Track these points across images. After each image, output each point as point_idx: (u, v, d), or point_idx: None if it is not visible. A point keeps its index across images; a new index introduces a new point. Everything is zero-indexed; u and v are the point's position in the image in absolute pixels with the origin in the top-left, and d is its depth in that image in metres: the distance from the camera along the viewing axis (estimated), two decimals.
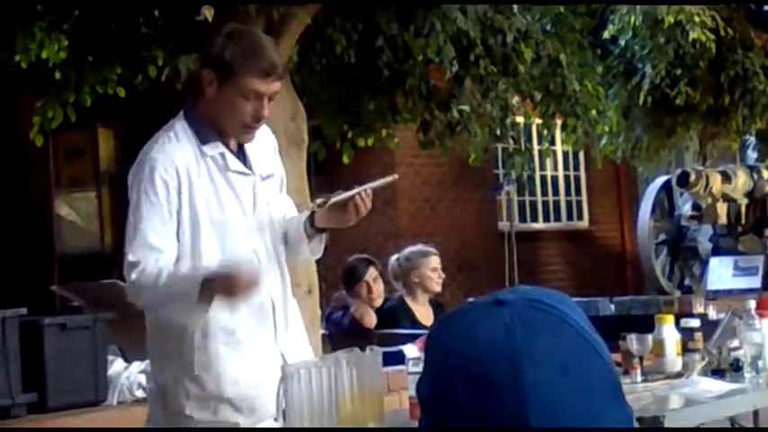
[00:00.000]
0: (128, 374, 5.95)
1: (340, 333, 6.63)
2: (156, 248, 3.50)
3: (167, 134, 3.61)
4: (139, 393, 5.94)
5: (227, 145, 3.64)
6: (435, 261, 7.05)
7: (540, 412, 1.29)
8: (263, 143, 3.79)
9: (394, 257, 7.16)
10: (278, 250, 3.72)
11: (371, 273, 6.75)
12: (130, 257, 3.49)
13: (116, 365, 5.99)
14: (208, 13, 7.76)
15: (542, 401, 1.30)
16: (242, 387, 3.59)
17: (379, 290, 6.79)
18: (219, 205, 3.58)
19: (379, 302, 6.80)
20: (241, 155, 3.69)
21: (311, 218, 3.71)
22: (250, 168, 3.68)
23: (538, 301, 1.36)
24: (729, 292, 11.38)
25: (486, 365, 1.31)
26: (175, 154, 3.54)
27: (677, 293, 12.42)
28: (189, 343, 3.57)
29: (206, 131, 3.61)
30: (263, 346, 3.63)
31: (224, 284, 3.43)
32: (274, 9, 8.09)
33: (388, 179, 3.85)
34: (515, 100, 10.37)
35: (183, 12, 8.29)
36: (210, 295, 3.44)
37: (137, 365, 5.98)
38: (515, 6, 9.85)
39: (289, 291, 3.75)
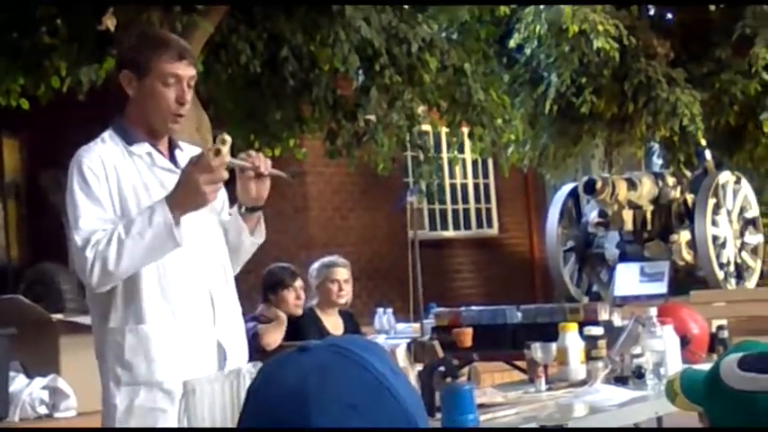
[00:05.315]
0: (30, 391, 5.85)
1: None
2: (101, 222, 3.54)
3: (94, 141, 3.69)
4: (42, 410, 5.85)
5: (155, 146, 3.72)
6: (338, 273, 6.99)
7: None
8: None
9: (312, 267, 7.20)
10: (219, 247, 3.76)
11: (299, 283, 6.80)
12: (78, 240, 3.51)
13: (18, 382, 5.88)
14: (110, 22, 7.69)
15: None
16: (173, 372, 3.57)
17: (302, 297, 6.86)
18: (149, 198, 3.61)
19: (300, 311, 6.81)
20: (172, 159, 3.75)
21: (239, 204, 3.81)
22: (179, 168, 3.71)
23: (340, 347, 1.50)
24: (637, 298, 11.51)
25: (279, 411, 1.45)
26: (101, 151, 3.64)
27: (585, 300, 12.52)
28: (121, 326, 3.58)
29: (133, 133, 3.69)
30: (200, 333, 3.65)
31: (187, 183, 3.48)
32: (177, 19, 8.04)
33: (282, 174, 3.93)
34: (421, 109, 10.40)
35: (85, 21, 8.21)
36: (179, 207, 3.48)
37: (39, 381, 5.89)
38: (419, 15, 9.88)
39: (232, 287, 3.79)
